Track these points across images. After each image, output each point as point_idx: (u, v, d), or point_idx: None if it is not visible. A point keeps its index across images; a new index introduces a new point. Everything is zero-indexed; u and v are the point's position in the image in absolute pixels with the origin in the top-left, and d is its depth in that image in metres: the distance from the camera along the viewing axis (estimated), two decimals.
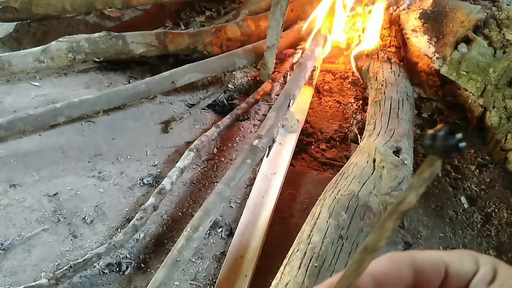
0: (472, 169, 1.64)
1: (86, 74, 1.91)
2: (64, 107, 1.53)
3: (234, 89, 1.95)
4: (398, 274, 0.31)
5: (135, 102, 1.75)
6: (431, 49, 1.81)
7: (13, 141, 1.50)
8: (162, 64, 2.02)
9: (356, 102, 1.97)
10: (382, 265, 0.31)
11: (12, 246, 1.20)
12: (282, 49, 2.05)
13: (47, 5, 2.06)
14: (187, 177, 1.49)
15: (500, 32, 1.60)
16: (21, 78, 1.81)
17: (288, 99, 1.59)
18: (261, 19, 2.13)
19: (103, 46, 1.82)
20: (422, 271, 0.31)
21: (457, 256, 0.32)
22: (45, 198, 1.34)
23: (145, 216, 1.23)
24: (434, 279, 0.31)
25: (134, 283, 1.17)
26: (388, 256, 0.32)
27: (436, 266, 0.31)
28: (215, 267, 1.23)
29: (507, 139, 1.62)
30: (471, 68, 1.67)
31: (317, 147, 1.76)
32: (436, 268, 0.31)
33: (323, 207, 1.11)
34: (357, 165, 1.27)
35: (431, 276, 0.31)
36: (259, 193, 1.44)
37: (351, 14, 2.15)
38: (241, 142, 1.69)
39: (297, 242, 1.04)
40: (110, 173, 1.46)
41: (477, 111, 1.75)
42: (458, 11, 1.73)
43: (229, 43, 2.03)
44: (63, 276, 1.08)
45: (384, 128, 1.45)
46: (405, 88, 1.73)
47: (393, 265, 0.31)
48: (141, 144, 1.59)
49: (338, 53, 2.29)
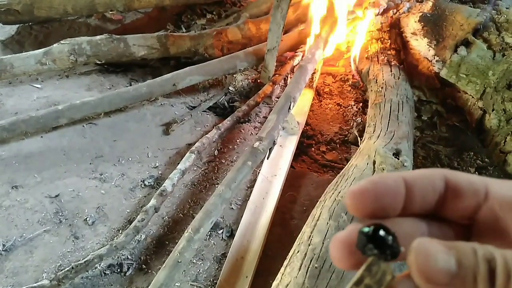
0: (472, 172, 1.65)
1: (88, 77, 1.92)
2: (66, 109, 1.54)
3: (235, 91, 1.96)
4: (430, 180, 0.30)
5: (137, 104, 1.76)
6: (431, 52, 1.82)
7: (15, 143, 1.51)
8: (164, 66, 2.03)
9: (356, 104, 1.98)
10: (416, 172, 0.31)
11: (14, 247, 1.21)
12: (283, 51, 2.06)
13: (49, 7, 2.07)
14: (188, 178, 1.50)
15: (499, 35, 1.61)
16: (23, 80, 1.82)
17: (288, 102, 1.59)
18: (262, 22, 2.14)
19: (104, 48, 1.83)
20: (456, 186, 0.30)
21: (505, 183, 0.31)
22: (47, 200, 1.35)
23: (146, 217, 1.24)
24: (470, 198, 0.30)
25: (135, 284, 1.17)
26: (424, 169, 0.31)
27: (472, 185, 0.30)
28: (216, 268, 1.24)
29: (506, 141, 1.63)
30: (470, 71, 1.68)
31: (317, 149, 1.77)
32: (473, 188, 0.30)
33: (324, 209, 1.11)
34: (357, 167, 1.27)
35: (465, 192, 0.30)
36: (260, 195, 1.45)
37: (351, 18, 2.16)
38: (242, 144, 1.69)
39: (298, 243, 1.04)
40: (112, 175, 1.47)
41: (477, 113, 1.75)
42: (457, 14, 1.74)
43: (230, 46, 2.04)
44: (64, 277, 1.08)
45: (384, 130, 1.46)
46: (405, 90, 1.74)
47: (427, 173, 0.31)
48: (142, 146, 1.60)
49: (338, 56, 2.30)
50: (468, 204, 0.30)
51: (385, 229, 0.27)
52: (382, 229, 0.27)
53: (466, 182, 0.31)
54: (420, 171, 0.31)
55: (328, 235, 1.03)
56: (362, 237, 0.27)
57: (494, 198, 0.30)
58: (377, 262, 0.27)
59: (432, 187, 0.30)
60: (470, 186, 0.30)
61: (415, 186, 0.30)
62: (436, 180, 0.31)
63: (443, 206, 0.31)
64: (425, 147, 1.75)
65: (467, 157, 1.70)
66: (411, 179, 0.30)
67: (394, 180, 0.30)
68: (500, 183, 0.31)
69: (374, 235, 0.27)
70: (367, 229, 0.27)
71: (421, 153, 1.71)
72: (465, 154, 1.71)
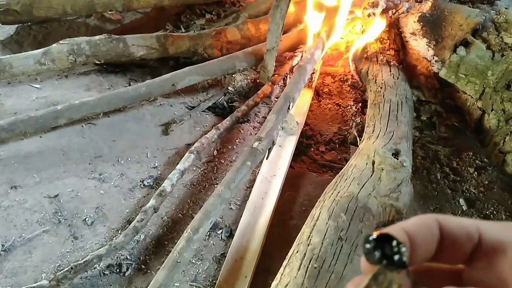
0: (471, 172, 1.65)
1: (87, 77, 1.92)
2: (65, 109, 1.54)
3: (234, 91, 1.96)
4: (428, 229, 0.30)
5: (136, 104, 1.76)
6: (430, 52, 1.82)
7: (14, 143, 1.51)
8: (163, 66, 2.03)
9: (356, 104, 1.98)
10: (412, 221, 0.31)
11: (13, 247, 1.20)
12: (282, 52, 2.06)
13: (48, 7, 2.07)
14: (187, 179, 1.50)
15: (499, 35, 1.61)
16: (22, 80, 1.82)
17: (287, 102, 1.59)
18: (261, 22, 2.14)
19: (103, 48, 1.83)
20: (450, 232, 0.31)
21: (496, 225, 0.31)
22: (46, 200, 1.35)
23: (145, 217, 1.24)
24: (463, 242, 0.31)
25: (135, 284, 1.17)
26: (417, 216, 0.31)
27: (465, 229, 0.31)
28: (215, 268, 1.24)
29: (505, 141, 1.63)
30: (469, 71, 1.68)
31: (316, 149, 1.77)
32: (465, 231, 0.31)
33: (323, 209, 1.11)
34: (357, 167, 1.28)
35: (459, 238, 0.31)
36: (259, 195, 1.45)
37: (350, 18, 2.16)
38: (241, 144, 1.69)
39: (297, 244, 1.05)
40: (111, 175, 1.47)
41: (476, 113, 1.75)
42: (456, 14, 1.74)
43: (229, 46, 2.04)
44: (63, 277, 1.08)
45: (383, 131, 1.46)
46: (404, 90, 1.74)
47: (425, 221, 0.31)
48: (141, 146, 1.60)
49: (337, 56, 2.30)
50: (463, 249, 0.31)
51: (392, 238, 0.27)
52: (389, 238, 0.27)
53: (459, 227, 0.31)
54: (416, 220, 0.31)
55: (327, 235, 1.03)
56: (368, 245, 0.27)
57: (486, 242, 0.31)
58: (384, 271, 0.26)
59: (432, 236, 0.31)
60: (463, 230, 0.31)
61: (417, 238, 0.30)
62: (434, 229, 0.31)
63: (439, 253, 0.31)
64: (424, 147, 1.75)
65: (466, 157, 1.70)
66: (412, 232, 0.30)
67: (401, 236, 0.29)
68: (490, 225, 0.31)
69: (381, 244, 0.27)
70: (371, 237, 0.27)
71: (420, 153, 1.71)
72: (464, 154, 1.71)
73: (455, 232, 0.31)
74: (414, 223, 0.31)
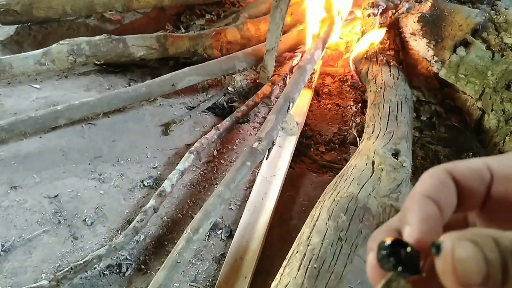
0: None
1: (87, 77, 1.92)
2: (65, 110, 1.54)
3: (234, 92, 1.96)
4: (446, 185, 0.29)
5: (136, 105, 1.76)
6: (430, 52, 1.82)
7: (14, 143, 1.51)
8: (163, 67, 2.03)
9: (355, 105, 1.98)
10: (426, 183, 0.29)
11: (12, 248, 1.20)
12: (282, 52, 2.06)
13: (48, 8, 2.07)
14: (187, 179, 1.50)
15: (498, 35, 1.61)
16: (22, 80, 1.82)
17: (287, 102, 1.60)
18: (261, 22, 2.14)
19: (103, 49, 1.83)
20: (463, 179, 0.29)
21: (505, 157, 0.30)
22: (46, 200, 1.35)
23: (145, 218, 1.24)
24: (477, 185, 0.29)
25: (134, 284, 1.17)
26: (427, 174, 0.30)
27: (476, 171, 0.29)
28: (215, 268, 1.24)
29: (505, 141, 1.63)
30: (469, 71, 1.68)
31: (316, 149, 1.77)
32: (477, 173, 0.29)
33: (323, 209, 1.11)
34: (356, 168, 1.27)
35: (472, 183, 0.29)
36: (259, 195, 1.45)
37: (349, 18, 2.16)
38: (241, 144, 1.69)
39: (297, 244, 1.05)
40: (111, 175, 1.47)
41: (476, 114, 1.75)
42: (456, 14, 1.74)
43: (229, 46, 2.04)
44: (63, 278, 1.08)
45: (383, 131, 1.46)
46: (404, 91, 1.74)
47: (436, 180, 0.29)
48: (141, 146, 1.60)
49: (337, 56, 2.30)
50: (478, 193, 0.30)
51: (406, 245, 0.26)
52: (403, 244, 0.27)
53: (470, 171, 0.30)
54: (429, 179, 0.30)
55: (327, 235, 1.03)
56: (381, 251, 0.27)
57: (499, 178, 0.29)
58: (397, 278, 0.26)
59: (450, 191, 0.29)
60: (475, 174, 0.29)
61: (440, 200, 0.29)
62: (449, 182, 0.29)
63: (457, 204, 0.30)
64: (424, 147, 1.75)
65: (466, 157, 1.70)
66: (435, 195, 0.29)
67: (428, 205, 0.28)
68: (500, 159, 0.30)
69: (394, 249, 0.26)
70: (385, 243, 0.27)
71: (420, 153, 1.71)
72: (464, 155, 1.71)
73: (468, 177, 0.29)
74: (431, 184, 0.29)
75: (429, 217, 0.28)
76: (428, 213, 0.28)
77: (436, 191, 0.29)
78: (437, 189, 0.29)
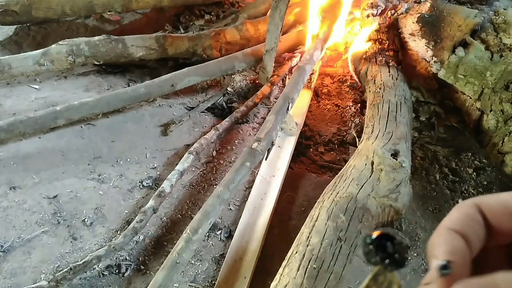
0: (470, 172, 1.65)
1: (86, 77, 1.92)
2: (64, 110, 1.54)
3: (233, 92, 1.96)
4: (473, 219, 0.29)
5: (135, 105, 1.76)
6: (429, 52, 1.82)
7: (13, 144, 1.51)
8: (162, 67, 2.03)
9: (355, 105, 1.98)
10: (454, 217, 0.29)
11: (12, 248, 1.20)
12: (281, 52, 2.06)
13: (47, 8, 2.07)
14: (186, 179, 1.50)
15: (497, 36, 1.62)
16: (21, 81, 1.82)
17: (287, 102, 1.60)
18: (260, 23, 2.14)
19: (103, 49, 1.83)
20: (493, 213, 0.29)
21: None
22: (45, 201, 1.35)
23: (144, 218, 1.24)
24: (508, 219, 0.29)
25: (134, 285, 1.17)
26: (456, 209, 0.30)
27: (505, 205, 0.29)
28: (214, 269, 1.24)
29: (504, 142, 1.63)
30: (468, 71, 1.68)
31: (315, 150, 1.77)
32: (507, 207, 0.29)
33: (322, 209, 1.12)
34: (356, 168, 1.28)
35: (502, 217, 0.29)
36: (258, 196, 1.45)
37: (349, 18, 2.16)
38: (240, 145, 1.69)
39: (296, 244, 1.05)
40: (110, 176, 1.47)
41: (475, 114, 1.76)
42: (455, 15, 1.74)
43: (228, 47, 2.04)
44: (63, 278, 1.08)
45: (382, 131, 1.46)
46: (403, 91, 1.74)
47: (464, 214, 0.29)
48: (140, 146, 1.60)
49: (336, 56, 2.30)
50: (509, 227, 0.29)
51: (391, 238, 0.27)
52: (388, 237, 0.27)
53: (499, 205, 0.30)
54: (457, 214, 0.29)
55: (327, 236, 1.03)
56: (366, 246, 0.27)
57: None
58: (383, 271, 0.26)
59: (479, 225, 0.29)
60: (505, 208, 0.29)
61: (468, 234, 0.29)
62: (477, 217, 0.29)
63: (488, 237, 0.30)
64: (423, 147, 1.75)
65: (465, 157, 1.71)
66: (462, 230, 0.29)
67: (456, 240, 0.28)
68: None
69: (379, 244, 0.27)
70: (371, 237, 0.27)
71: (419, 153, 1.71)
72: (463, 155, 1.72)
73: (498, 212, 0.29)
74: (458, 219, 0.29)
75: (455, 250, 0.28)
76: (454, 247, 0.28)
77: (463, 225, 0.29)
78: (464, 223, 0.29)
